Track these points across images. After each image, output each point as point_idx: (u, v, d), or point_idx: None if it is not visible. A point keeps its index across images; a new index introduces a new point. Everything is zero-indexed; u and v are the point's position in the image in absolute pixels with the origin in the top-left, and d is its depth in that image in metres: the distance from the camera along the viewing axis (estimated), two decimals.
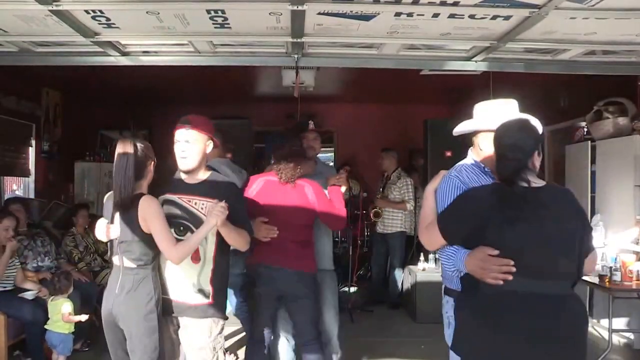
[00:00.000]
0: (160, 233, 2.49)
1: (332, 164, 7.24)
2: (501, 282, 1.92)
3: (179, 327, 2.69)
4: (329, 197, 3.24)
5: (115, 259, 2.59)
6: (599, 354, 4.02)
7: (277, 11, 2.68)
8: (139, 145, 2.56)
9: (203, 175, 2.69)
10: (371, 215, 6.08)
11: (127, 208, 2.52)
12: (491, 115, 2.28)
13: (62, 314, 3.96)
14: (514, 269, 1.91)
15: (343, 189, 3.30)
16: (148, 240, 2.52)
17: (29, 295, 4.18)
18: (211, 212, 2.49)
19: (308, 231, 3.18)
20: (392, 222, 6.03)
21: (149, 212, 2.50)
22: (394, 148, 6.35)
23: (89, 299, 4.66)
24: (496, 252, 1.94)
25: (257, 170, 7.55)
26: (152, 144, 2.73)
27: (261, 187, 3.19)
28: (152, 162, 2.64)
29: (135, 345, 2.53)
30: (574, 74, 3.72)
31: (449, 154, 5.24)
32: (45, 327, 3.99)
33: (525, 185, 1.97)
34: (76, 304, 4.25)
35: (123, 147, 2.55)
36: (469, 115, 2.38)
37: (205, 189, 2.64)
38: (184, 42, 3.28)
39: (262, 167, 8.02)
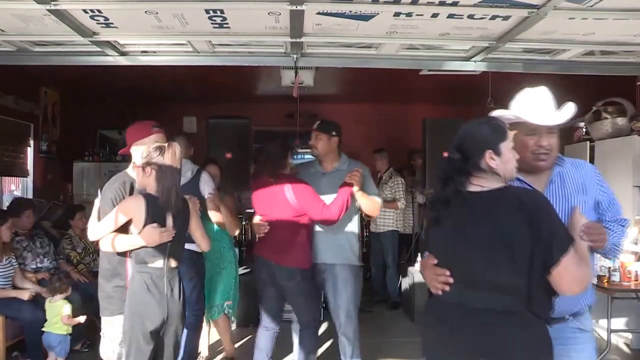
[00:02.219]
0: (202, 228, 2.89)
1: None
2: (440, 292, 1.89)
3: None
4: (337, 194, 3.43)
5: (158, 263, 2.64)
6: (598, 354, 4.02)
7: (276, 11, 2.68)
8: None
9: None
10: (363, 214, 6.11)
11: (185, 210, 2.77)
12: (519, 106, 2.09)
13: (62, 316, 3.95)
14: (450, 280, 1.86)
15: (355, 188, 3.40)
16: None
17: (23, 295, 4.17)
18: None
19: (293, 227, 3.38)
20: (384, 221, 6.11)
21: (195, 212, 2.84)
22: (385, 148, 6.41)
23: (89, 299, 4.65)
24: (434, 261, 1.91)
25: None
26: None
27: (255, 188, 3.55)
28: None
29: (179, 339, 2.79)
30: (573, 74, 3.71)
31: (447, 153, 5.24)
32: (43, 329, 3.98)
33: (463, 189, 1.87)
34: (77, 304, 4.25)
35: (175, 150, 2.69)
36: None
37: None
38: (182, 42, 3.28)
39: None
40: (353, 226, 3.60)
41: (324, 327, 4.52)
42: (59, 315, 3.97)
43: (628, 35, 3.01)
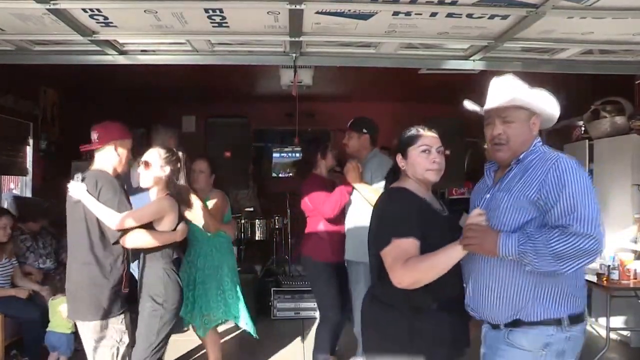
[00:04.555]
0: None
1: None
2: None
3: None
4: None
5: (173, 255, 2.97)
6: (597, 352, 4.03)
7: (275, 10, 2.68)
8: None
9: None
10: None
11: None
12: (489, 95, 2.06)
13: (61, 312, 3.95)
14: None
15: (356, 184, 3.57)
16: None
17: (22, 293, 4.16)
18: None
19: (311, 222, 3.83)
20: None
21: None
22: (388, 147, 6.37)
23: None
24: None
25: (257, 169, 7.61)
26: (151, 143, 2.96)
27: None
28: None
29: None
30: (572, 73, 3.72)
31: (447, 152, 5.24)
32: (47, 329, 3.95)
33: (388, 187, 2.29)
34: None
35: (183, 155, 3.03)
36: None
37: None
38: (181, 41, 3.28)
39: (263, 167, 8.07)
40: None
41: None
42: (60, 313, 3.96)
43: (627, 35, 3.01)
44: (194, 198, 3.39)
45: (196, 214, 3.47)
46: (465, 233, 1.90)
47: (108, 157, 2.88)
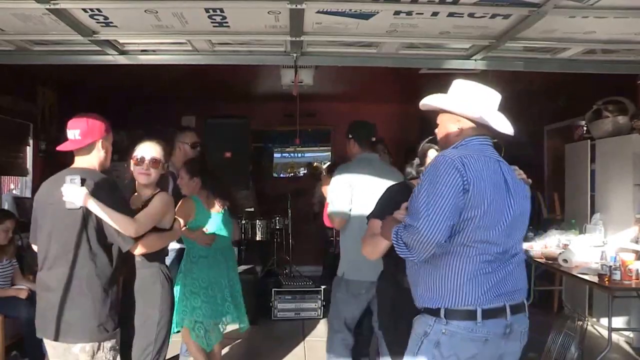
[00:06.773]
0: None
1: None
2: None
3: None
4: None
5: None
6: (599, 353, 4.01)
7: (275, 10, 2.67)
8: None
9: None
10: None
11: None
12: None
13: None
14: None
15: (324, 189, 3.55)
16: None
17: (21, 293, 4.15)
18: None
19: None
20: None
21: None
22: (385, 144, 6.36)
23: None
24: None
25: (257, 169, 7.61)
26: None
27: None
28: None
29: None
30: (574, 73, 3.71)
31: None
32: None
33: None
34: None
35: None
36: None
37: None
38: (182, 41, 3.27)
39: (263, 167, 8.06)
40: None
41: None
42: None
43: (629, 34, 3.00)
44: None
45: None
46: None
47: (94, 155, 2.63)
